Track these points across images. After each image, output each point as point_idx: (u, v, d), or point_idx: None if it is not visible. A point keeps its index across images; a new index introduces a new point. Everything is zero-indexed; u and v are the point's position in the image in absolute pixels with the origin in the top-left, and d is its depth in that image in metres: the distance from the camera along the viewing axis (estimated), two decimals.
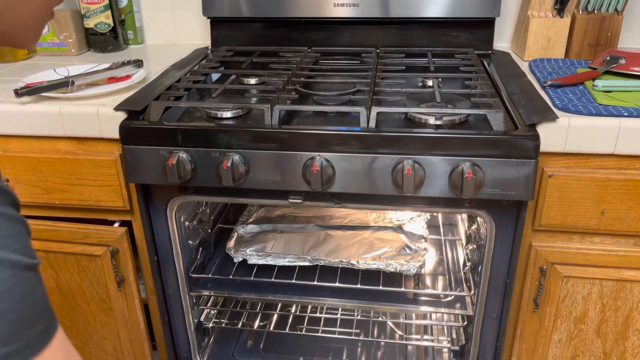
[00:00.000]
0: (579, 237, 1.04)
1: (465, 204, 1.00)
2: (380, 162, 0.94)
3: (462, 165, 0.91)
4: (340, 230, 1.34)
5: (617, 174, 0.96)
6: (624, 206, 0.98)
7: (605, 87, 1.05)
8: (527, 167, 0.91)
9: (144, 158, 0.99)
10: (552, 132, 0.93)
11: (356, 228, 1.35)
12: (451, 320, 1.29)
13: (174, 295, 1.21)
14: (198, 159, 0.98)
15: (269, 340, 1.43)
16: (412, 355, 1.36)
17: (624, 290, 1.06)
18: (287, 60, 1.30)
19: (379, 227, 1.35)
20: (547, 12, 1.29)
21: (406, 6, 1.34)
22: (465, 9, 1.32)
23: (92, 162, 1.08)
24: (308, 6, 1.37)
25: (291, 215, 1.43)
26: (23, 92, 1.05)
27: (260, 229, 1.36)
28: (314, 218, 1.40)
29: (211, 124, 1.00)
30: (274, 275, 1.24)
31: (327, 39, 1.42)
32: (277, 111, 0.97)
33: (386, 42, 1.40)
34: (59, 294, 1.26)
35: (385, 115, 1.02)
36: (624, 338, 1.11)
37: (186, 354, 1.30)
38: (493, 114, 0.93)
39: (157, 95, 1.08)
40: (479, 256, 1.10)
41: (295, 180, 0.97)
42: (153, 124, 0.99)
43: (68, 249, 1.19)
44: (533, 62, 1.25)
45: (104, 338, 1.32)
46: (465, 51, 1.33)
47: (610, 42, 1.28)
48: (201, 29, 1.54)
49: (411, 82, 1.21)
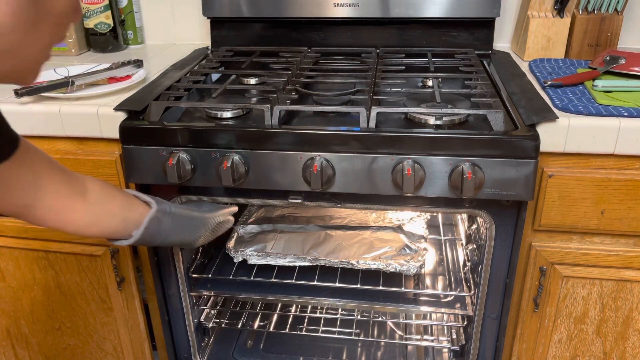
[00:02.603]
0: (578, 237, 1.04)
1: (465, 204, 1.00)
2: (380, 162, 0.94)
3: (462, 166, 0.91)
4: (340, 230, 1.34)
5: (617, 174, 0.96)
6: (624, 206, 0.98)
7: (605, 87, 1.05)
8: (527, 167, 0.91)
9: (144, 158, 0.99)
10: (552, 132, 0.93)
11: (356, 228, 1.34)
12: (451, 320, 1.29)
13: (174, 295, 1.21)
14: (198, 159, 0.98)
15: (269, 340, 1.43)
16: (412, 355, 1.36)
17: (624, 290, 1.06)
18: (287, 60, 1.30)
19: (378, 227, 1.35)
20: (547, 12, 1.29)
21: (406, 6, 1.34)
22: (465, 9, 1.32)
23: (92, 162, 1.08)
24: (308, 6, 1.37)
25: (291, 216, 1.42)
26: (23, 92, 1.05)
27: (260, 229, 1.36)
28: (314, 218, 1.40)
29: (211, 124, 1.00)
30: (273, 275, 1.24)
31: (327, 39, 1.42)
32: (277, 111, 0.97)
33: (386, 42, 1.40)
34: (59, 294, 1.26)
35: (385, 115, 1.02)
36: (624, 338, 1.11)
37: (186, 354, 1.30)
38: (493, 114, 0.93)
39: (157, 96, 1.08)
40: (479, 256, 1.10)
41: (295, 180, 0.97)
42: (153, 124, 0.99)
43: (68, 249, 1.19)
44: (533, 62, 1.25)
45: (104, 338, 1.32)
46: (465, 51, 1.33)
47: (610, 42, 1.28)
48: (201, 29, 1.54)
49: (411, 82, 1.21)
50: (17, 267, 1.25)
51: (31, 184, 0.77)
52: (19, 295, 1.29)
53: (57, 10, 0.54)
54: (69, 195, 0.82)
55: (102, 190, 0.87)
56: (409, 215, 1.39)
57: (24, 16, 0.50)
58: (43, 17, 0.52)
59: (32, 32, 0.52)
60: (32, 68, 0.57)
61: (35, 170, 0.77)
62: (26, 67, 0.56)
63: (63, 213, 0.82)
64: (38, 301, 1.29)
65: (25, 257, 1.23)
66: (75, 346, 1.35)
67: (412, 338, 1.37)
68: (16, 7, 0.49)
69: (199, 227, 1.02)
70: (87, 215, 0.84)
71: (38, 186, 0.78)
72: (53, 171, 0.80)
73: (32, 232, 1.18)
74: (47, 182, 0.79)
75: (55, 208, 0.81)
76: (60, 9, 0.54)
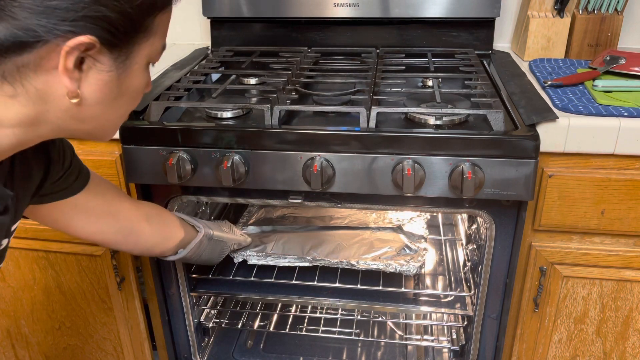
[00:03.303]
0: (578, 237, 1.04)
1: (465, 204, 1.00)
2: (380, 162, 0.94)
3: (462, 166, 0.91)
4: (340, 230, 1.34)
5: (617, 174, 0.96)
6: (624, 206, 0.98)
7: (605, 87, 1.05)
8: (527, 167, 0.91)
9: (144, 158, 0.99)
10: (552, 132, 0.93)
11: (356, 228, 1.34)
12: (451, 320, 1.29)
13: (174, 295, 1.21)
14: (198, 159, 0.98)
15: (269, 340, 1.43)
16: (412, 355, 1.36)
17: (624, 290, 1.06)
18: (287, 60, 1.30)
19: (378, 228, 1.34)
20: (547, 12, 1.29)
21: (406, 6, 1.34)
22: (465, 9, 1.32)
23: (92, 162, 1.07)
24: (308, 6, 1.37)
25: (291, 216, 1.42)
26: None
27: (260, 230, 1.36)
28: (314, 219, 1.40)
29: (211, 124, 1.00)
30: (274, 275, 1.24)
31: (327, 39, 1.42)
32: (277, 111, 0.97)
33: (386, 42, 1.40)
34: (59, 294, 1.26)
35: (385, 115, 1.02)
36: (624, 338, 1.11)
37: (186, 354, 1.30)
38: (493, 114, 0.93)
39: (157, 96, 1.08)
40: (479, 256, 1.10)
41: (295, 180, 0.97)
42: (153, 124, 0.99)
43: (68, 249, 1.19)
44: (533, 62, 1.25)
45: (104, 338, 1.32)
46: (465, 51, 1.33)
47: (610, 42, 1.28)
48: (201, 29, 1.54)
49: (411, 82, 1.21)
50: (17, 267, 1.25)
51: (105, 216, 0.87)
52: (19, 295, 1.29)
53: (135, 88, 0.64)
54: (139, 220, 0.92)
55: (161, 214, 0.97)
56: (409, 215, 1.39)
57: (108, 93, 0.61)
58: (124, 93, 0.63)
59: (113, 105, 0.63)
60: (110, 130, 0.68)
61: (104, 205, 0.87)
62: (106, 130, 0.67)
63: (135, 235, 0.92)
64: (38, 301, 1.29)
65: (25, 257, 1.23)
66: (75, 346, 1.35)
67: (412, 338, 1.37)
68: (103, 85, 0.59)
69: (225, 249, 1.15)
70: (152, 237, 0.95)
71: (113, 217, 0.88)
72: (121, 197, 0.90)
73: (32, 232, 1.18)
74: (121, 215, 0.89)
75: (126, 231, 0.90)
76: (137, 86, 0.65)
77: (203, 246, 1.04)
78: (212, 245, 1.08)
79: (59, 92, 0.57)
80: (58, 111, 0.59)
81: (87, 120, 0.62)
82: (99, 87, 0.59)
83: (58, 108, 0.58)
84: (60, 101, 0.58)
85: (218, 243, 1.10)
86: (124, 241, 0.91)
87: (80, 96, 0.58)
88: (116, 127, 0.68)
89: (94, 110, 0.61)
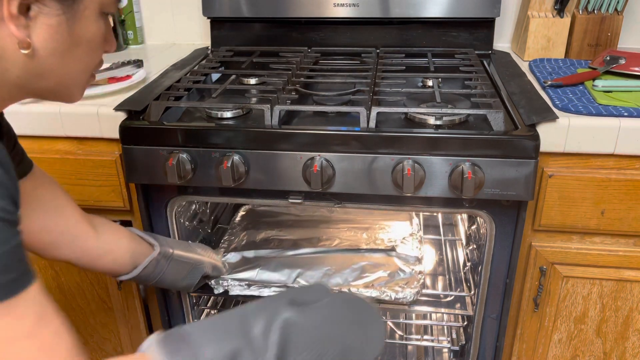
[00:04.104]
0: (578, 237, 1.04)
1: (465, 204, 1.00)
2: (380, 162, 0.94)
3: (462, 166, 0.91)
4: (329, 254, 1.25)
5: (617, 174, 0.96)
6: (624, 206, 0.98)
7: (605, 87, 1.05)
8: (527, 167, 0.91)
9: (144, 158, 0.99)
10: (552, 132, 0.93)
11: (346, 251, 1.26)
12: (451, 320, 1.29)
13: (174, 295, 1.21)
14: (198, 159, 0.98)
15: None
16: (412, 355, 1.36)
17: (624, 290, 1.06)
18: (287, 60, 1.30)
19: (370, 250, 1.26)
20: (547, 12, 1.29)
21: (406, 6, 1.34)
22: (465, 9, 1.32)
23: (92, 162, 1.08)
24: (308, 6, 1.37)
25: (276, 239, 1.32)
26: None
27: (242, 256, 1.25)
28: (300, 241, 1.30)
29: (211, 124, 1.00)
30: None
31: (327, 39, 1.42)
32: (277, 111, 0.97)
33: (386, 42, 1.40)
34: (59, 294, 1.26)
35: (385, 115, 1.02)
36: (624, 338, 1.11)
37: None
38: (493, 114, 0.93)
39: (157, 96, 1.08)
40: (479, 256, 1.10)
41: (295, 180, 0.97)
42: (153, 124, 0.99)
43: None
44: (533, 62, 1.25)
45: (104, 338, 1.32)
46: (465, 51, 1.33)
47: (610, 42, 1.28)
48: (201, 29, 1.54)
49: (411, 82, 1.21)
50: None
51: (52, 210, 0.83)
52: None
53: (90, 37, 0.62)
54: (85, 222, 0.88)
55: (108, 222, 0.93)
56: (401, 234, 1.31)
57: (60, 40, 0.59)
58: (78, 42, 0.61)
59: (69, 55, 0.61)
60: (74, 87, 0.66)
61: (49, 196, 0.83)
62: (68, 86, 0.65)
63: (81, 240, 0.87)
64: None
65: None
66: None
67: (412, 338, 1.37)
68: (54, 32, 0.58)
69: (196, 273, 1.05)
70: (100, 244, 0.89)
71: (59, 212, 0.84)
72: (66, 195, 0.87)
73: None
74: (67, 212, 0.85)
75: (73, 232, 0.86)
76: (92, 36, 0.63)
77: (161, 266, 0.97)
78: (175, 266, 1.00)
79: (12, 47, 0.56)
80: (16, 69, 0.58)
81: (45, 75, 0.60)
82: (50, 34, 0.58)
83: (14, 64, 0.57)
84: (15, 55, 0.57)
85: (182, 264, 1.01)
86: (70, 245, 0.86)
87: (32, 46, 0.57)
88: (81, 86, 0.67)
89: (50, 63, 0.60)
